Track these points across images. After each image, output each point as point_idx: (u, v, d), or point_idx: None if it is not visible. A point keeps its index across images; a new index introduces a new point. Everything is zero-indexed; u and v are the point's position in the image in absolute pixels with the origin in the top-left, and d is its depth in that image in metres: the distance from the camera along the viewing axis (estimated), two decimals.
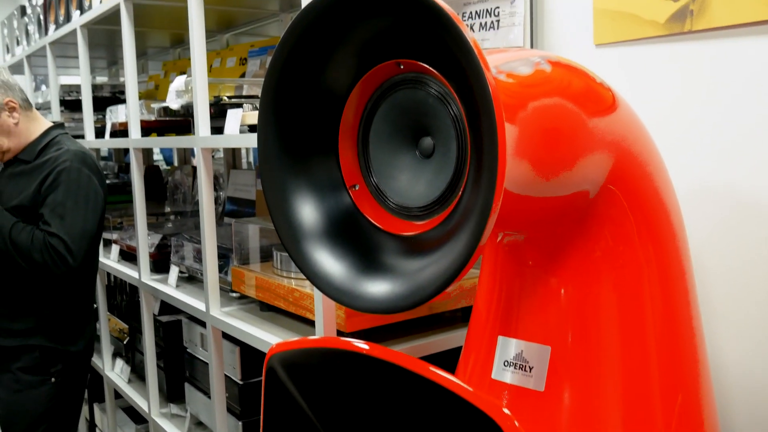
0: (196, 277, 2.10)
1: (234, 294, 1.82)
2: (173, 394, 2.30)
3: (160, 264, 2.27)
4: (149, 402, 2.33)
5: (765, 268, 1.20)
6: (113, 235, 2.70)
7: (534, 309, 1.00)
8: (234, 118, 1.64)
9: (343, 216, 0.94)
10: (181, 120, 2.20)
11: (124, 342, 2.65)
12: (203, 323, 1.89)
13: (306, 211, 0.93)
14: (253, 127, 1.58)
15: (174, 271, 2.13)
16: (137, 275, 2.28)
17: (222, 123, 1.70)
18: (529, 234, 1.00)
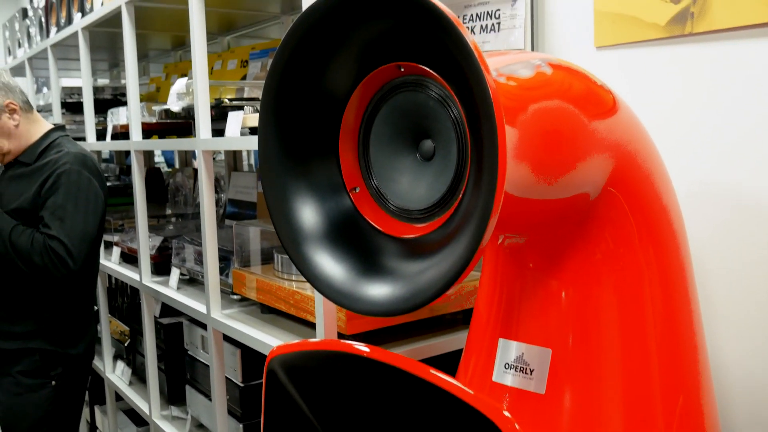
0: (197, 280, 2.10)
1: (235, 296, 1.82)
2: (174, 396, 2.30)
3: (161, 266, 2.27)
4: (150, 404, 2.33)
5: (765, 269, 1.20)
6: (114, 237, 2.70)
7: (535, 311, 1.00)
8: (235, 120, 1.64)
9: (344, 218, 0.94)
10: (182, 122, 2.20)
11: (125, 344, 2.65)
12: (204, 325, 1.89)
13: (306, 214, 0.93)
14: (254, 130, 1.58)
15: (175, 274, 2.12)
16: (138, 277, 2.28)
17: (223, 125, 1.70)
18: (530, 236, 1.00)
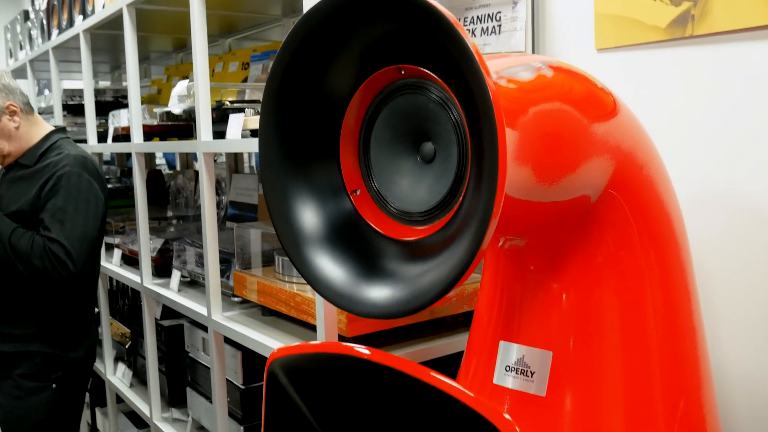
0: (198, 282, 2.10)
1: (236, 298, 1.82)
2: (175, 398, 2.30)
3: (162, 268, 2.27)
4: (151, 406, 2.33)
5: (765, 269, 1.20)
6: (115, 240, 2.70)
7: (535, 314, 1.00)
8: (236, 122, 1.64)
9: (344, 221, 0.94)
10: (184, 124, 2.21)
11: (125, 346, 2.65)
12: (205, 328, 1.89)
13: (307, 216, 0.93)
14: (255, 132, 1.58)
15: (176, 276, 2.12)
16: (139, 279, 2.28)
17: (224, 127, 1.70)
18: (531, 239, 1.00)
